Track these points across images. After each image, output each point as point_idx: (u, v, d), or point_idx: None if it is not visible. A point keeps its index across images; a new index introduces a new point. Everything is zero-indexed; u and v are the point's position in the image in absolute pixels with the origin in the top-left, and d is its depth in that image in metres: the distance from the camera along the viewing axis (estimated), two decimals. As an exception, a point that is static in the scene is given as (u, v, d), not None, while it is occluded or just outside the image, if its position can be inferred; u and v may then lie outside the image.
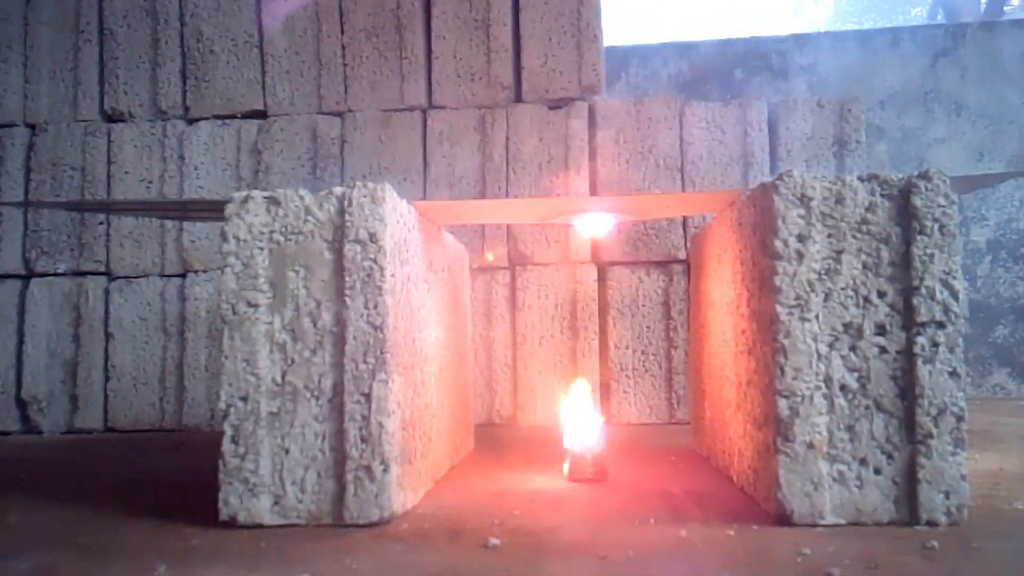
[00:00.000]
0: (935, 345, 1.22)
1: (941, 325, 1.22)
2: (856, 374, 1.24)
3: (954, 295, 1.23)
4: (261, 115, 2.95)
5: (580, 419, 1.71)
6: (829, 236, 1.26)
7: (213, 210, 1.63)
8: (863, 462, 1.23)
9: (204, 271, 2.86)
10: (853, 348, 1.24)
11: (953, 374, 1.22)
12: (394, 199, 1.37)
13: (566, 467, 1.66)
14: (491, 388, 2.79)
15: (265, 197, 1.33)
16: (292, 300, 1.31)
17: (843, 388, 1.24)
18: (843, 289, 1.25)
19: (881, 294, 1.25)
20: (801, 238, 1.25)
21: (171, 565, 1.07)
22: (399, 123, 2.88)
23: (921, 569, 1.01)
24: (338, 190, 1.32)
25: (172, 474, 1.88)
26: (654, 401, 2.74)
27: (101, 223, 2.91)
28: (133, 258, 2.89)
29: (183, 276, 2.88)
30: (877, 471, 1.22)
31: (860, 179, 1.27)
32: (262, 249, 1.32)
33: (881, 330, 1.24)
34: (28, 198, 2.93)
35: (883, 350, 1.24)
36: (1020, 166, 3.77)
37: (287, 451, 1.29)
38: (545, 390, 2.75)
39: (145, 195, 2.92)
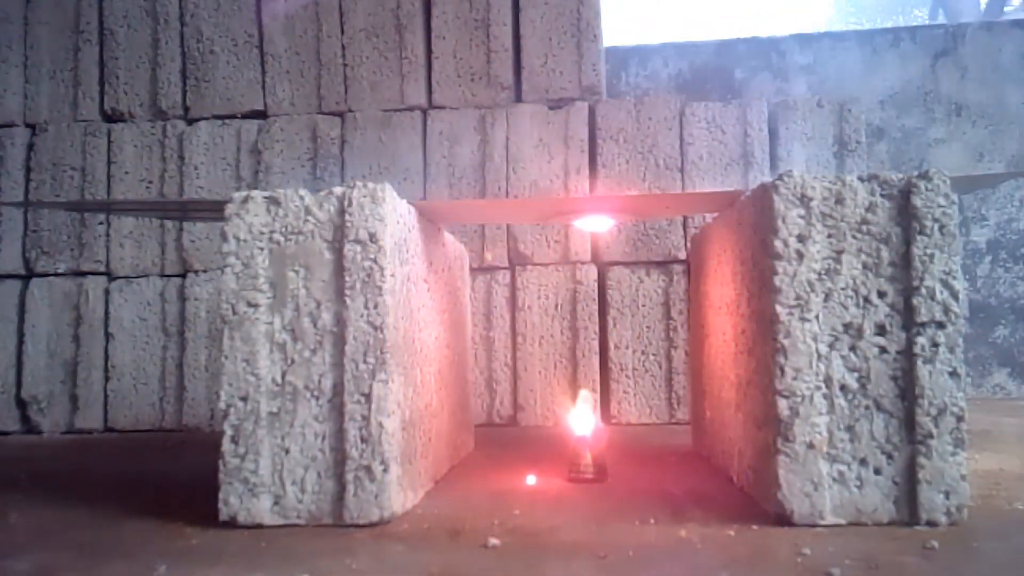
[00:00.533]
0: (935, 345, 1.22)
1: (941, 325, 1.22)
2: (856, 374, 1.24)
3: (954, 295, 1.23)
4: (261, 115, 2.95)
5: (580, 419, 1.71)
6: (829, 236, 1.26)
7: (213, 210, 1.63)
8: (863, 462, 1.23)
9: (204, 271, 2.86)
10: (853, 348, 1.24)
11: (953, 374, 1.22)
12: (394, 199, 1.37)
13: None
14: (491, 388, 2.79)
15: (265, 197, 1.33)
16: (292, 300, 1.31)
17: (843, 388, 1.24)
18: (843, 289, 1.25)
19: (881, 294, 1.25)
20: (801, 238, 1.25)
21: (171, 565, 1.07)
22: (399, 123, 2.89)
23: (921, 569, 1.01)
24: (338, 190, 1.32)
25: (172, 474, 1.88)
26: (654, 401, 2.74)
27: (101, 223, 2.91)
28: (133, 258, 2.89)
29: (183, 276, 2.88)
30: (877, 471, 1.22)
31: (860, 179, 1.27)
32: (262, 249, 1.32)
33: (881, 330, 1.24)
34: (28, 198, 2.93)
35: (883, 350, 1.24)
36: (1020, 166, 3.77)
37: (287, 451, 1.29)
38: (545, 390, 2.75)
39: (145, 195, 2.92)
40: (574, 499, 1.48)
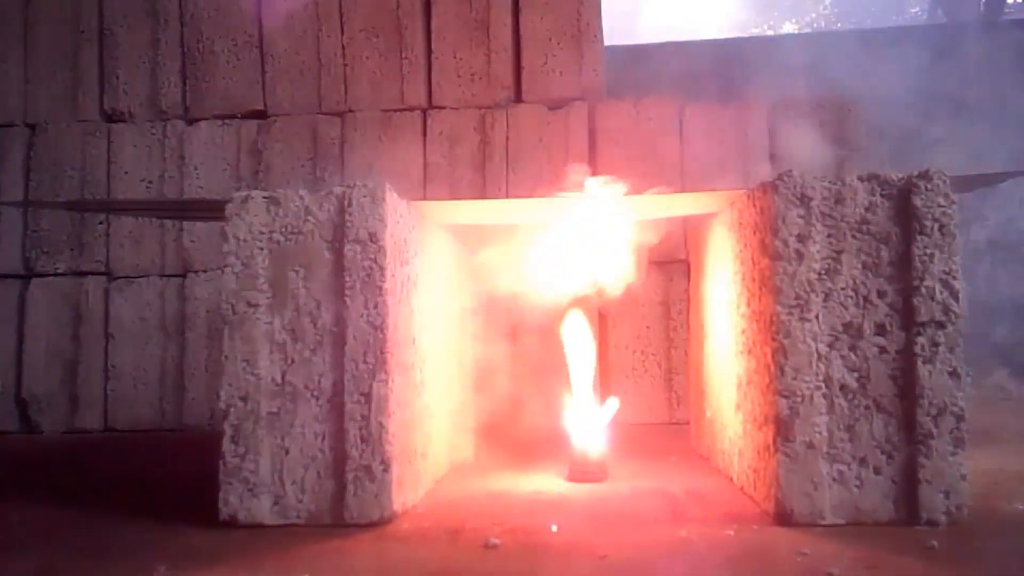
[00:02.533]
0: (935, 345, 1.22)
1: (941, 325, 1.22)
2: (856, 374, 1.24)
3: (954, 295, 1.23)
4: (261, 115, 2.95)
5: (582, 418, 1.71)
6: (829, 236, 1.26)
7: (213, 210, 1.63)
8: (863, 462, 1.23)
9: (204, 271, 2.86)
10: (853, 348, 1.24)
11: (953, 374, 1.22)
12: (394, 199, 1.37)
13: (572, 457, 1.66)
14: (491, 388, 2.78)
15: (265, 197, 1.33)
16: (292, 300, 1.31)
17: (843, 388, 1.24)
18: (843, 289, 1.25)
19: (881, 294, 1.25)
20: (801, 238, 1.25)
21: (171, 565, 1.07)
22: (399, 123, 2.88)
23: (921, 569, 1.01)
24: (338, 190, 1.32)
25: (172, 474, 1.88)
26: (654, 401, 2.74)
27: (101, 223, 2.91)
28: (133, 258, 2.89)
29: (183, 276, 2.88)
30: (877, 471, 1.22)
31: (860, 179, 1.27)
32: (262, 249, 1.32)
33: (881, 330, 1.24)
34: (28, 198, 2.93)
35: (883, 350, 1.24)
36: (1020, 166, 3.77)
37: (287, 451, 1.29)
38: (545, 389, 2.75)
39: (145, 195, 2.92)
40: (574, 499, 1.48)
